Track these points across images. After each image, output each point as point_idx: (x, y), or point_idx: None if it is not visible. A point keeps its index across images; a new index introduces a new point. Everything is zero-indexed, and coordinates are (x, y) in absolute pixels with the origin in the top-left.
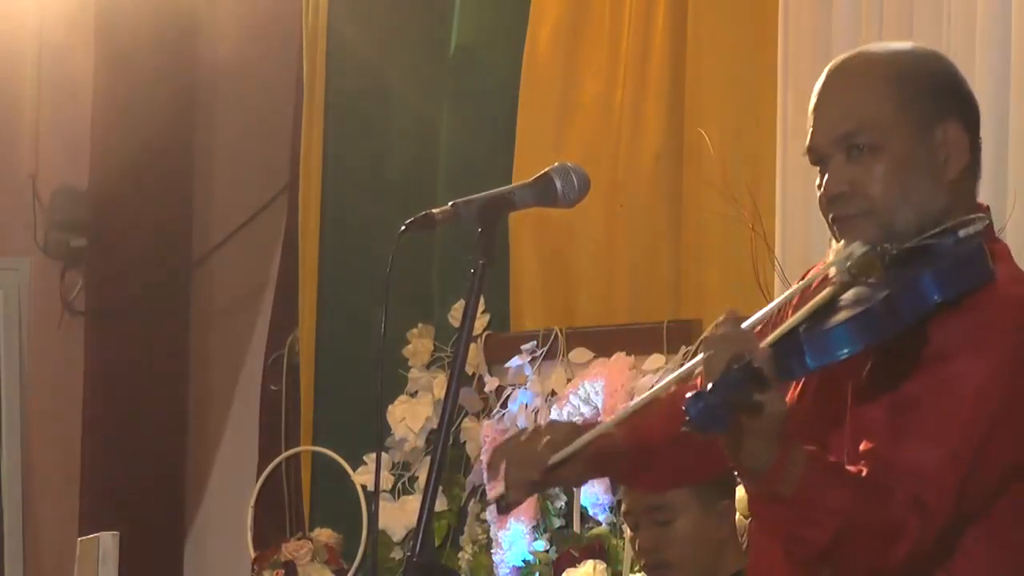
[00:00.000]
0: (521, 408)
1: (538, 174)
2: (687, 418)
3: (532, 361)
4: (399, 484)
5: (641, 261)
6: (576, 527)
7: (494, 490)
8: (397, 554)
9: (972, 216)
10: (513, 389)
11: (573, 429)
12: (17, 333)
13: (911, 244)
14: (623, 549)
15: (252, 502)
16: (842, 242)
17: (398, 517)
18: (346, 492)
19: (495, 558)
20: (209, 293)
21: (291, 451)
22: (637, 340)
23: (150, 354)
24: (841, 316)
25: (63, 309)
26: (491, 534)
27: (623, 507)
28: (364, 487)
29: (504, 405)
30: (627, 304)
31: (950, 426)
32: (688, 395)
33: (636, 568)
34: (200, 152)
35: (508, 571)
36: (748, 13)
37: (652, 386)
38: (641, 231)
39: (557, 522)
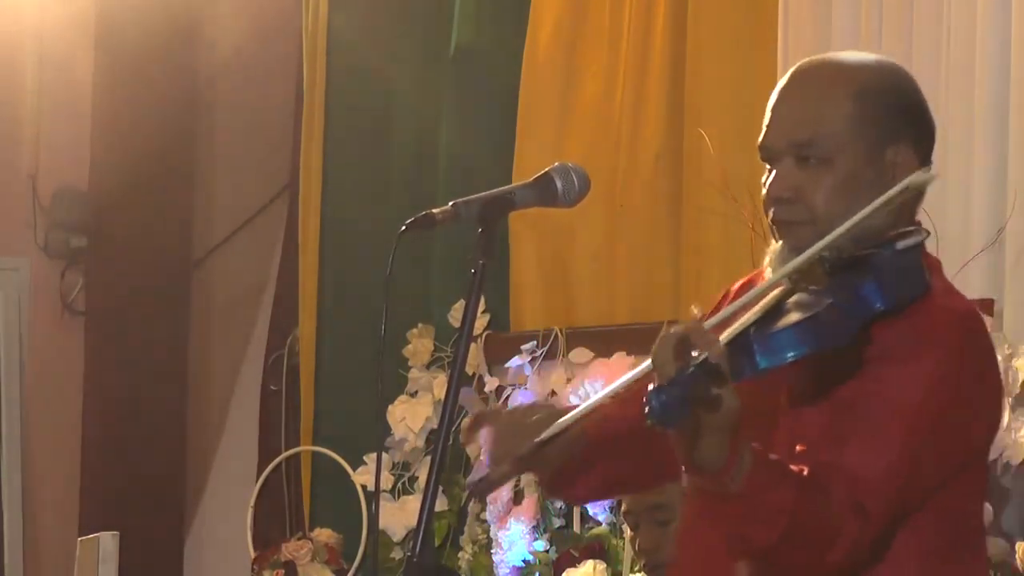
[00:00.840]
0: None
1: (538, 174)
2: (648, 410)
3: (532, 361)
4: (399, 484)
5: (641, 261)
6: (576, 527)
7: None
8: (397, 554)
9: (910, 228)
10: (513, 389)
11: (555, 410)
12: (17, 333)
13: (851, 254)
14: (623, 549)
15: (252, 502)
16: (780, 243)
17: (398, 517)
18: (346, 492)
19: (495, 558)
20: (209, 293)
21: (291, 451)
22: (637, 340)
23: (150, 354)
24: (790, 319)
25: (63, 309)
26: (491, 534)
27: (623, 507)
28: (364, 487)
29: (504, 405)
30: (627, 304)
31: (890, 433)
32: (650, 387)
33: (636, 568)
34: (200, 152)
35: (508, 571)
36: (748, 13)
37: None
38: (641, 231)
39: (557, 522)
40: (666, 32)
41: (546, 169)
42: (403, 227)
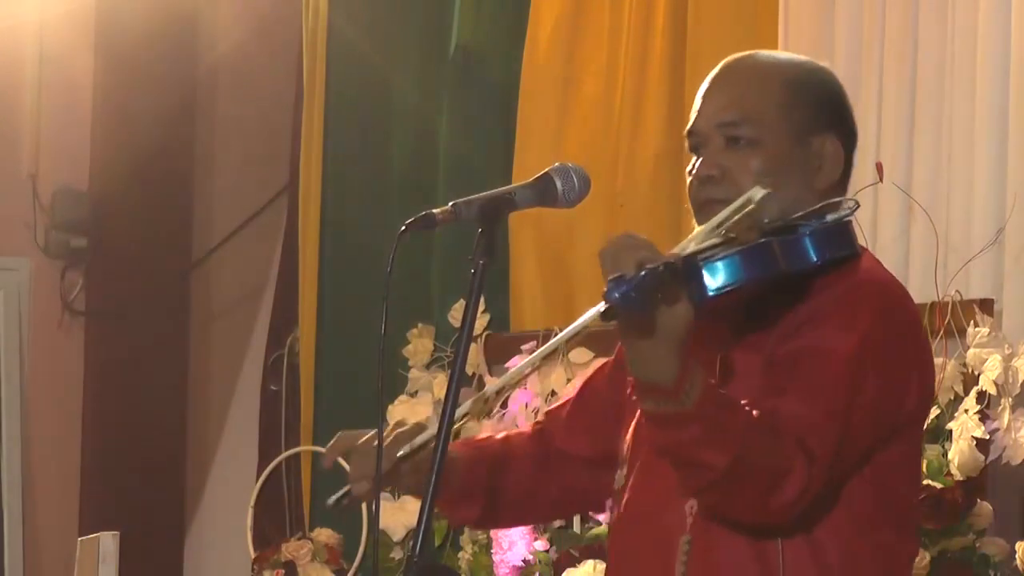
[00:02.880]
0: (521, 408)
1: (538, 174)
2: (613, 295)
3: None
4: None
5: None
6: (576, 527)
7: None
8: (397, 554)
9: (836, 200)
10: (513, 389)
11: (419, 427)
12: (17, 333)
13: (782, 222)
14: None
15: (252, 502)
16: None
17: (398, 517)
18: None
19: (495, 558)
20: (209, 293)
21: (291, 451)
22: None
23: (150, 354)
24: (734, 248)
25: (63, 309)
26: (491, 534)
27: None
28: None
29: (504, 405)
30: None
31: (827, 382)
32: (610, 277)
33: None
34: (200, 152)
35: (508, 571)
36: (748, 13)
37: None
38: (641, 231)
39: (557, 522)
40: (666, 32)
41: (546, 170)
42: (403, 227)
